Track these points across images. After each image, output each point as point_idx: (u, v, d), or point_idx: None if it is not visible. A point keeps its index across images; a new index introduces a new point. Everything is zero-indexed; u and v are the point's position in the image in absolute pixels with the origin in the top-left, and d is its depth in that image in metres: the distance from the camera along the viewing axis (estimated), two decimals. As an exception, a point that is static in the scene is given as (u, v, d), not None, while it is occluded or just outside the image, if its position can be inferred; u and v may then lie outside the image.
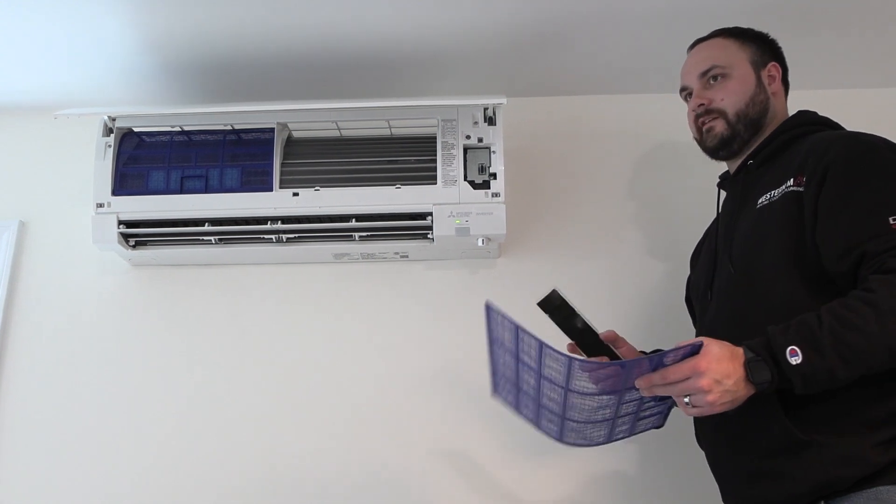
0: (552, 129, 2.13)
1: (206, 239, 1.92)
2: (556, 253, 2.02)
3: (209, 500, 1.86)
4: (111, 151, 1.92)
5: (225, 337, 1.99)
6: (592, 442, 1.41)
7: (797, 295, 1.27)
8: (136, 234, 1.92)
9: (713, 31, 1.58)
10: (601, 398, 1.26)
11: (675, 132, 1.61)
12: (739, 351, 1.19)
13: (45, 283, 2.07)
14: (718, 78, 1.51)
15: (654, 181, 2.06)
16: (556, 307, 1.24)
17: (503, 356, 1.32)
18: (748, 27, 1.57)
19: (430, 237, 1.88)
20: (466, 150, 1.87)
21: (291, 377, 1.95)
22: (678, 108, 1.62)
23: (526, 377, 1.31)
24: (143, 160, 1.92)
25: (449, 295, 1.99)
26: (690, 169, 1.77)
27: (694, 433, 1.50)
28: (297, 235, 1.91)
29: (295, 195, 1.87)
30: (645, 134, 2.09)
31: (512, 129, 1.99)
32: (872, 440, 1.16)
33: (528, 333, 1.20)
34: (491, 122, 1.88)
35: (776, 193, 1.36)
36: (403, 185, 1.86)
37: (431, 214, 1.85)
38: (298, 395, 1.93)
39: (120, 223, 1.89)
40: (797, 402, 1.20)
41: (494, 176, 1.85)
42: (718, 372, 1.16)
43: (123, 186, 1.90)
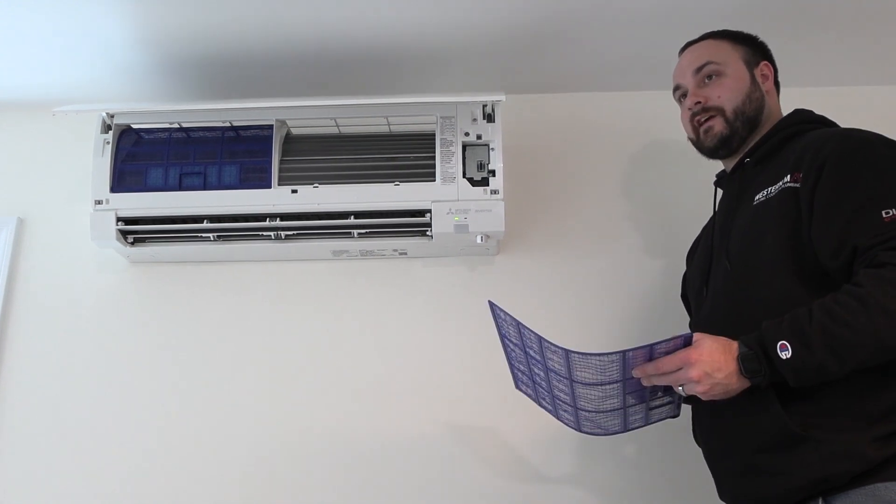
0: (551, 126, 2.13)
1: (204, 236, 1.92)
2: (554, 250, 2.02)
3: (206, 496, 1.87)
4: (109, 148, 1.92)
5: (223, 333, 1.99)
6: (609, 431, 1.43)
7: (793, 291, 1.27)
8: (134, 230, 1.92)
9: (703, 34, 1.59)
10: (604, 388, 1.28)
11: (674, 129, 1.61)
12: (734, 345, 1.22)
13: (43, 280, 2.07)
14: (713, 76, 1.51)
15: (652, 178, 2.07)
16: None
17: (514, 350, 1.36)
18: (737, 30, 1.57)
19: (428, 234, 1.88)
20: (465, 147, 1.87)
21: (290, 374, 1.95)
22: (676, 106, 1.62)
23: (536, 370, 1.34)
24: (141, 157, 1.92)
25: (448, 292, 1.99)
26: (688, 166, 1.78)
27: (691, 429, 1.51)
28: (295, 232, 1.91)
29: (293, 192, 1.87)
30: (644, 131, 2.10)
31: (511, 126, 1.99)
32: (870, 435, 1.16)
33: (527, 329, 1.24)
34: (490, 119, 1.88)
35: (773, 190, 1.36)
36: (402, 182, 1.86)
37: (430, 211, 1.85)
38: (297, 391, 1.93)
39: (118, 220, 1.89)
40: (794, 396, 1.21)
41: (493, 173, 1.85)
42: (709, 364, 1.19)
43: (122, 183, 1.90)
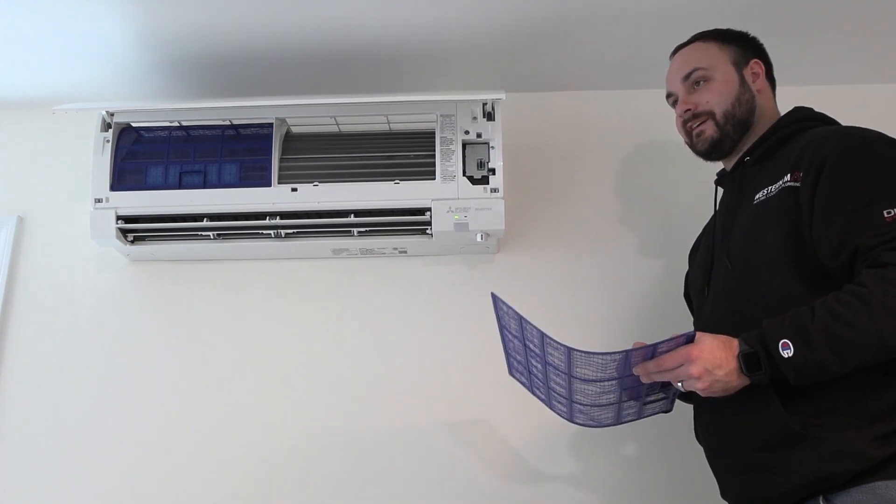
0: (551, 124, 2.13)
1: (204, 234, 1.92)
2: (554, 248, 2.02)
3: (206, 494, 1.87)
4: (109, 147, 1.92)
5: (223, 332, 1.99)
6: (601, 423, 1.44)
7: (794, 290, 1.27)
8: (134, 229, 1.92)
9: (692, 35, 1.59)
10: (603, 384, 1.29)
11: (673, 128, 1.61)
12: (734, 343, 1.22)
13: (43, 278, 2.06)
14: (701, 82, 1.52)
15: (652, 177, 2.06)
16: None
17: (513, 341, 1.37)
18: (727, 28, 1.57)
19: (428, 232, 1.88)
20: (465, 145, 1.87)
21: (290, 372, 1.95)
22: (677, 104, 1.62)
23: (534, 362, 1.36)
24: (141, 155, 1.92)
25: (447, 290, 1.99)
26: (689, 164, 1.77)
27: (693, 428, 1.51)
28: (295, 231, 1.91)
29: (293, 190, 1.87)
30: (644, 130, 2.09)
31: (511, 124, 1.99)
32: (871, 434, 1.16)
33: (530, 324, 1.25)
34: (490, 117, 1.88)
35: (773, 189, 1.36)
36: (402, 180, 1.86)
37: (430, 210, 1.85)
38: (297, 390, 1.93)
39: (118, 218, 1.89)
40: (795, 394, 1.21)
41: (493, 171, 1.85)
42: (710, 361, 1.20)
43: (122, 182, 1.90)
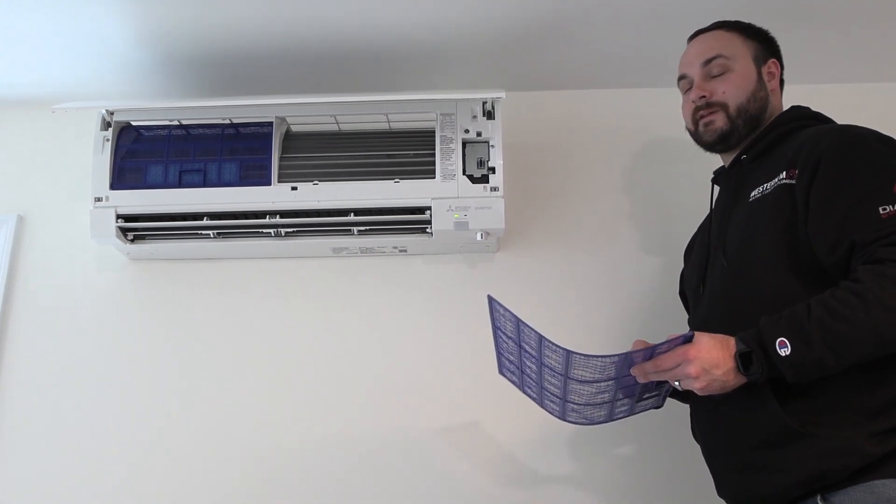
0: (551, 123, 2.13)
1: (204, 233, 1.92)
2: (554, 247, 2.02)
3: (206, 494, 1.87)
4: (109, 145, 1.92)
5: (223, 331, 1.99)
6: (593, 421, 1.45)
7: (790, 287, 1.27)
8: (134, 228, 1.92)
9: (714, 22, 1.57)
10: (599, 385, 1.30)
11: (673, 127, 1.61)
12: (731, 342, 1.22)
13: (43, 277, 2.06)
14: (721, 70, 1.50)
15: (652, 175, 2.07)
16: None
17: (506, 342, 1.37)
18: (749, 22, 1.56)
19: (428, 231, 1.88)
20: (465, 144, 1.87)
21: (290, 371, 1.95)
22: (676, 102, 1.61)
23: (528, 363, 1.36)
24: (141, 154, 1.92)
25: (448, 289, 1.99)
26: (688, 163, 1.78)
27: (689, 426, 1.51)
28: (295, 229, 1.91)
29: (293, 189, 1.87)
30: (643, 128, 2.10)
31: (511, 123, 1.99)
32: (868, 431, 1.16)
33: (528, 326, 1.25)
34: (489, 116, 1.88)
35: (768, 187, 1.36)
36: (402, 179, 1.86)
37: (430, 209, 1.85)
38: (297, 388, 1.93)
39: (118, 217, 1.89)
40: (792, 392, 1.21)
41: (493, 170, 1.85)
42: (707, 361, 1.20)
43: (122, 180, 1.90)
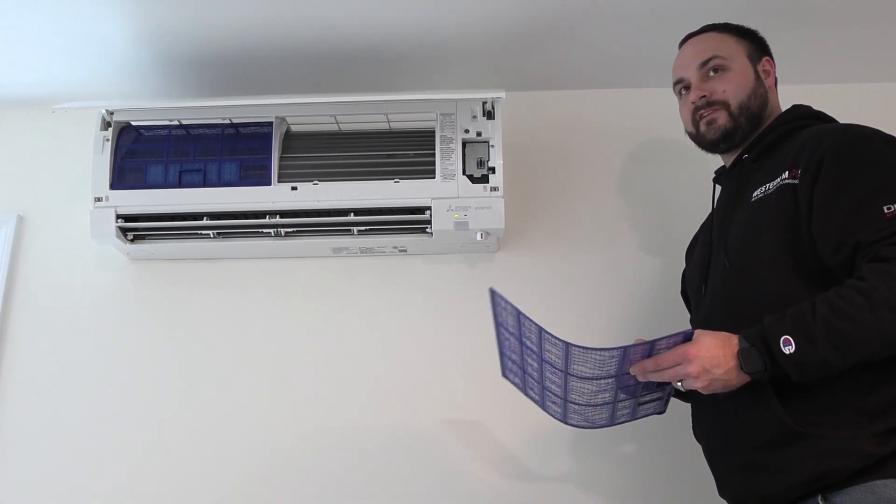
0: (551, 123, 2.13)
1: (204, 233, 1.92)
2: (554, 247, 2.02)
3: (206, 494, 1.86)
4: (109, 145, 1.91)
5: (223, 331, 1.99)
6: (595, 424, 1.44)
7: (792, 287, 1.27)
8: (134, 228, 1.92)
9: (703, 26, 1.57)
10: (599, 382, 1.29)
11: (673, 127, 1.61)
12: (733, 340, 1.21)
13: (43, 277, 2.06)
14: (719, 70, 1.50)
15: (652, 175, 2.07)
16: None
17: (508, 339, 1.36)
18: (737, 24, 1.56)
19: (428, 231, 1.88)
20: (465, 144, 1.87)
21: (290, 371, 1.95)
22: (676, 103, 1.61)
23: (529, 360, 1.35)
24: (141, 154, 1.92)
25: (447, 289, 1.99)
26: (688, 163, 1.78)
27: (690, 426, 1.51)
28: (295, 229, 1.91)
29: (293, 189, 1.87)
30: (644, 128, 2.10)
31: (511, 123, 1.99)
32: (869, 431, 1.16)
33: (528, 319, 1.25)
34: (489, 116, 1.88)
35: (771, 187, 1.36)
36: (402, 179, 1.86)
37: (430, 208, 1.85)
38: (296, 388, 1.93)
39: (118, 217, 1.89)
40: (793, 392, 1.20)
41: (493, 170, 1.85)
42: (708, 360, 1.19)
43: (122, 180, 1.90)
